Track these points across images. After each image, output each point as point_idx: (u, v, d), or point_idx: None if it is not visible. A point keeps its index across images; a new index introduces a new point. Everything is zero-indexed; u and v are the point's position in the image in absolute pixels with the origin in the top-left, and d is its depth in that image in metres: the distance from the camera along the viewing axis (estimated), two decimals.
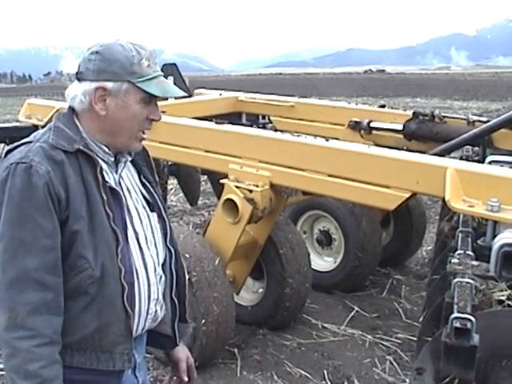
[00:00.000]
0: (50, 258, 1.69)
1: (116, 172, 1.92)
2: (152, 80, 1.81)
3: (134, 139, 1.87)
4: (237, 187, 3.86)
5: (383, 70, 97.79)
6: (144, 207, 1.97)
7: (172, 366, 2.24)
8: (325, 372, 4.08)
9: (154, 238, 1.96)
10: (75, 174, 1.75)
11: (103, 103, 1.80)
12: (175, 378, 2.21)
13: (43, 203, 1.68)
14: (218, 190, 4.60)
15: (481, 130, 4.31)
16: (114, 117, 1.82)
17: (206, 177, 6.41)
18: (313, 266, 4.90)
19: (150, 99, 1.83)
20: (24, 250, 1.66)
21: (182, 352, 2.21)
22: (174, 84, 5.99)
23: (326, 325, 4.79)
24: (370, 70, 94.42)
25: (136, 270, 1.85)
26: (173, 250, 2.05)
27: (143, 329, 1.96)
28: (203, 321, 3.82)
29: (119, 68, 1.77)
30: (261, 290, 4.71)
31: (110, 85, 1.78)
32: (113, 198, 1.82)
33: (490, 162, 3.35)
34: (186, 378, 2.18)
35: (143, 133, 1.88)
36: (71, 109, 1.87)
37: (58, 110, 4.95)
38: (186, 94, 2.02)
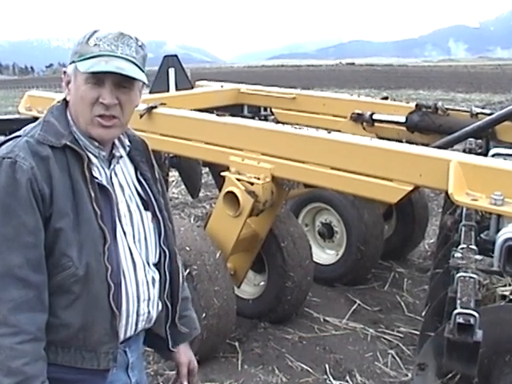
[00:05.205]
0: (33, 254, 1.65)
1: (108, 167, 1.85)
2: (92, 58, 1.70)
3: (91, 124, 1.76)
4: (238, 180, 3.83)
5: (353, 63, 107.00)
6: (137, 205, 1.90)
7: (176, 369, 2.19)
8: (326, 366, 4.06)
9: (145, 237, 1.89)
10: (61, 170, 1.70)
11: (68, 88, 1.80)
12: (177, 381, 2.17)
13: (26, 199, 1.63)
14: (220, 182, 4.58)
15: (484, 122, 4.27)
16: (72, 101, 1.79)
17: (207, 169, 6.38)
18: (314, 259, 4.88)
19: (99, 80, 1.72)
20: (7, 246, 1.62)
21: (184, 355, 2.15)
22: (176, 76, 5.95)
23: (327, 318, 4.77)
24: (341, 62, 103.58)
25: (123, 270, 1.79)
26: (167, 251, 1.96)
27: (136, 329, 1.90)
28: (204, 314, 3.79)
29: (72, 50, 1.78)
30: (262, 283, 4.69)
31: (68, 68, 1.78)
32: (102, 195, 1.76)
33: (493, 155, 3.32)
34: (186, 383, 2.14)
35: (101, 117, 1.75)
36: (65, 101, 1.83)
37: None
38: (125, 73, 1.71)
